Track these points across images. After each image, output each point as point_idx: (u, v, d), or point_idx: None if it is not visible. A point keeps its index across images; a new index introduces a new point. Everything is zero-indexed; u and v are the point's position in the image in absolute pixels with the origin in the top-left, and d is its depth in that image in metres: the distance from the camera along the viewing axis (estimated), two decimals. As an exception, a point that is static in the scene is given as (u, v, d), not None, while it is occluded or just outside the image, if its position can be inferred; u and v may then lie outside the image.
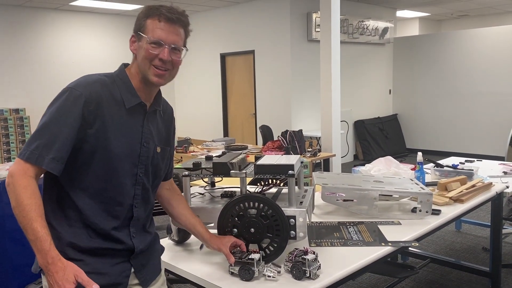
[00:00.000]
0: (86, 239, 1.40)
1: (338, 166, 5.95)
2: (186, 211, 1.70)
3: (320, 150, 5.56)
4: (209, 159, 1.86)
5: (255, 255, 1.55)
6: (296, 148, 4.93)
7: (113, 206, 1.43)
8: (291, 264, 1.55)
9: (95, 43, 8.51)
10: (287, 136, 4.98)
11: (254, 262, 1.53)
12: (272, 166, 1.67)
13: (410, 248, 3.51)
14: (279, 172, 1.66)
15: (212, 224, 1.73)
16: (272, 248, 1.62)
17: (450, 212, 2.26)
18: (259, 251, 1.61)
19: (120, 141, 1.41)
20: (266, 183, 1.97)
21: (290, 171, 1.63)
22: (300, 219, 1.61)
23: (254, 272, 1.52)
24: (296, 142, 4.97)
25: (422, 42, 9.12)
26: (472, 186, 2.57)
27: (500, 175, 3.23)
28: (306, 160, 4.33)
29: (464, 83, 8.56)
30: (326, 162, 5.47)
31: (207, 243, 1.65)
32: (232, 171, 1.72)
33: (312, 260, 1.53)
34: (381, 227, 2.04)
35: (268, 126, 6.89)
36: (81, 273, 1.28)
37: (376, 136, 8.88)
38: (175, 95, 9.97)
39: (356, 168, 3.01)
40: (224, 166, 1.72)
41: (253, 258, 1.53)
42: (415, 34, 11.06)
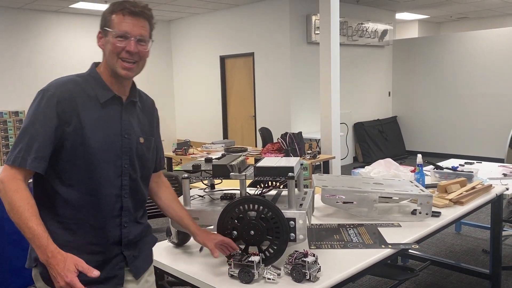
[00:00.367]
0: (77, 234, 1.45)
1: (338, 168, 5.95)
2: (174, 204, 1.74)
3: (319, 152, 5.56)
4: (208, 161, 1.86)
5: (255, 258, 1.55)
6: (296, 150, 4.93)
7: (100, 199, 1.47)
8: (291, 267, 1.54)
9: (94, 45, 8.48)
10: (286, 138, 4.98)
11: (254, 265, 1.52)
12: (272, 168, 1.67)
13: (410, 250, 3.51)
14: (279, 174, 1.66)
15: (212, 226, 1.73)
16: (272, 251, 1.61)
17: (450, 214, 2.25)
18: (259, 253, 1.60)
19: (98, 135, 1.46)
20: (266, 185, 1.97)
21: (290, 173, 1.63)
22: (300, 221, 1.60)
23: (254, 275, 1.52)
24: (295, 144, 4.97)
25: (422, 44, 9.13)
26: (472, 188, 2.57)
27: (500, 177, 3.23)
28: (305, 162, 4.33)
29: (464, 85, 8.57)
30: (326, 164, 5.47)
31: (194, 236, 1.70)
32: (231, 173, 1.71)
33: (312, 263, 1.53)
34: (381, 229, 2.04)
35: (267, 128, 6.89)
36: (81, 262, 1.33)
37: (376, 138, 8.88)
38: (175, 97, 9.97)
39: (355, 170, 3.00)
40: (224, 168, 1.72)
41: (253, 261, 1.53)
42: (415, 36, 11.07)
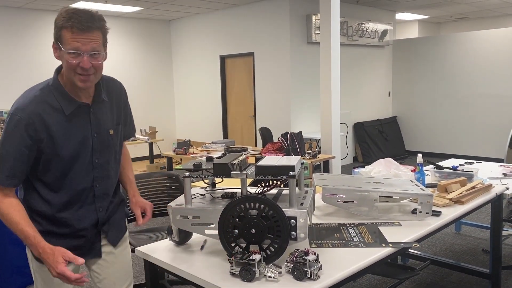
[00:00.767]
0: (59, 223, 1.68)
1: (338, 168, 5.96)
2: (125, 166, 1.97)
3: (319, 152, 5.57)
4: (209, 160, 1.86)
5: (256, 256, 1.55)
6: (297, 150, 4.94)
7: (75, 195, 1.69)
8: (292, 265, 1.55)
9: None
10: (287, 137, 4.99)
11: (255, 263, 1.53)
12: (273, 167, 1.67)
13: (410, 250, 3.51)
14: (280, 173, 1.66)
15: (213, 225, 1.73)
16: (273, 249, 1.62)
17: (450, 214, 2.26)
18: (260, 252, 1.61)
19: (69, 144, 1.62)
20: (267, 184, 1.97)
21: (291, 172, 1.63)
22: (301, 220, 1.61)
23: (255, 273, 1.52)
24: (296, 143, 4.97)
25: (421, 44, 9.14)
26: (472, 188, 2.57)
27: (500, 177, 3.23)
28: (306, 162, 4.34)
29: (463, 85, 8.58)
30: (326, 164, 5.47)
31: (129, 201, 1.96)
32: (233, 172, 1.72)
33: (313, 261, 1.53)
34: (381, 228, 2.04)
35: (267, 128, 6.89)
36: (67, 253, 1.54)
37: (376, 138, 8.88)
38: (175, 97, 9.98)
39: (356, 170, 3.01)
40: (225, 167, 1.72)
41: (254, 259, 1.53)
42: (414, 36, 11.08)
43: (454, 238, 4.28)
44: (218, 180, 2.00)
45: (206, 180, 2.04)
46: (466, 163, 3.68)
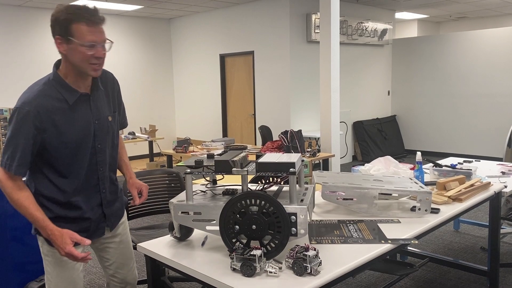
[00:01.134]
0: (67, 207, 1.81)
1: (337, 166, 5.98)
2: (120, 151, 2.08)
3: (319, 151, 5.58)
4: (210, 157, 1.88)
5: (257, 252, 1.57)
6: (297, 148, 4.95)
7: (82, 179, 1.83)
8: (293, 260, 1.57)
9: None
10: (287, 135, 5.00)
11: (256, 258, 1.54)
12: (274, 164, 1.69)
13: (409, 248, 3.53)
14: (280, 169, 1.68)
15: (214, 221, 1.75)
16: (273, 245, 1.63)
17: (449, 211, 2.28)
18: (261, 247, 1.63)
19: (74, 131, 1.76)
20: (267, 181, 1.99)
21: (292, 169, 1.65)
22: (301, 216, 1.63)
23: (256, 268, 1.54)
24: (296, 141, 4.99)
25: (421, 43, 9.16)
26: (471, 186, 2.59)
27: (498, 175, 3.25)
28: (306, 160, 4.36)
29: (463, 84, 8.60)
30: (325, 163, 5.49)
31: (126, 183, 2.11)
32: (234, 169, 1.73)
33: (313, 257, 1.55)
34: (380, 225, 2.06)
35: (267, 126, 6.91)
36: (75, 234, 1.73)
37: (375, 137, 8.90)
38: (175, 95, 9.99)
39: (355, 168, 3.03)
40: (226, 163, 1.74)
41: (254, 255, 1.55)
42: (414, 35, 11.10)
43: (453, 236, 4.30)
44: (218, 177, 2.01)
45: (207, 177, 2.05)
46: (464, 161, 3.70)
